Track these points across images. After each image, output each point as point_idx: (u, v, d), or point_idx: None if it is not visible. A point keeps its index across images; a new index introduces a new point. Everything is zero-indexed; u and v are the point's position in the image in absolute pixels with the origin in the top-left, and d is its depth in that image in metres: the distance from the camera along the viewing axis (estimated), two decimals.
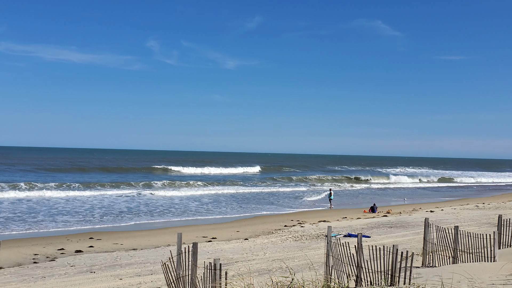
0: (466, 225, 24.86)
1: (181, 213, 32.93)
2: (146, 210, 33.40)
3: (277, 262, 16.29)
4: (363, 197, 49.36)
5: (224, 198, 43.35)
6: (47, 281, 14.73)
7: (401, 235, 23.04)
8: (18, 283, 14.49)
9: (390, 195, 53.60)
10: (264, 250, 19.46)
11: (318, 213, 34.40)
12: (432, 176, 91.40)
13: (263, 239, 22.86)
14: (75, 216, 29.89)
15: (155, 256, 18.35)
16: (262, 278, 12.66)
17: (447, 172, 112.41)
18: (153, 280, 14.27)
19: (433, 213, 32.97)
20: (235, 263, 16.42)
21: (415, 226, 25.98)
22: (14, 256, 18.37)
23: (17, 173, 60.44)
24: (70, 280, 14.73)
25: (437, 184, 77.10)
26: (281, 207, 37.79)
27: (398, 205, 41.29)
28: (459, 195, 54.71)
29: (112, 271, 15.95)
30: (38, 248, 19.99)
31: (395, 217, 31.32)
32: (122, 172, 73.34)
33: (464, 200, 46.44)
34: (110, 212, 31.89)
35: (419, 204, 41.80)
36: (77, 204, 35.65)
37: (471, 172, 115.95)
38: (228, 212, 34.33)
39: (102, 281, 14.51)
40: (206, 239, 22.88)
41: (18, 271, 16.16)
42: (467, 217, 30.06)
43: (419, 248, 16.58)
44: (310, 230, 25.26)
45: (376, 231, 24.59)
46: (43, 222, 27.15)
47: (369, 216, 32.33)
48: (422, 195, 54.66)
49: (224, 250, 19.58)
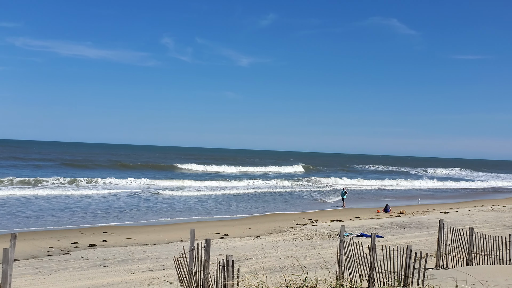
0: (481, 227, 24.57)
1: (189, 209, 33.08)
2: (174, 207, 33.61)
3: (289, 260, 16.27)
4: (375, 197, 49.02)
5: (239, 197, 43.43)
6: (61, 274, 14.90)
7: (415, 235, 22.86)
8: (32, 275, 14.68)
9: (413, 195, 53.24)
10: (276, 248, 19.45)
11: (331, 212, 34.27)
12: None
13: (275, 237, 22.85)
14: (89, 211, 30.17)
15: (168, 252, 18.44)
16: (274, 276, 12.64)
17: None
18: (166, 275, 14.35)
19: (447, 214, 32.65)
20: (247, 260, 16.43)
21: (429, 227, 25.75)
22: (29, 248, 18.61)
23: (28, 169, 60.89)
24: (83, 274, 14.88)
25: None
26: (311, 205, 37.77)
27: (412, 205, 40.95)
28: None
29: (125, 266, 16.07)
30: (53, 241, 20.22)
31: (409, 217, 31.08)
32: (147, 169, 73.48)
33: (479, 201, 45.87)
34: (134, 208, 32.15)
35: (433, 204, 41.40)
36: (91, 200, 35.98)
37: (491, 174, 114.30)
38: (239, 210, 34.39)
39: (115, 275, 14.63)
40: (218, 235, 22.94)
41: (32, 264, 16.38)
42: (482, 218, 29.72)
43: (432, 249, 16.43)
44: (322, 229, 25.18)
45: (389, 231, 24.42)
46: (57, 216, 27.47)
47: (382, 216, 32.13)
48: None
49: (236, 247, 19.61)
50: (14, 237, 8.00)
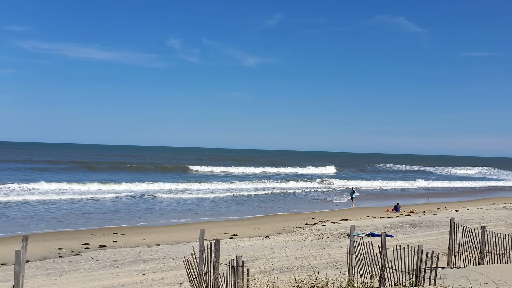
0: (493, 225, 24.36)
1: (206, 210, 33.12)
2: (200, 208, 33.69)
3: (298, 260, 16.22)
4: (385, 196, 48.77)
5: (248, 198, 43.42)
6: (72, 275, 14.98)
7: (425, 234, 22.71)
8: (44, 276, 14.77)
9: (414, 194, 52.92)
10: (285, 248, 19.41)
11: (340, 211, 34.15)
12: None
13: (284, 237, 22.80)
14: (100, 212, 30.33)
15: (177, 252, 18.47)
16: (283, 276, 12.61)
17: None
18: (175, 276, 14.37)
19: (458, 212, 32.40)
20: (256, 260, 16.41)
21: (439, 225, 25.57)
22: (41, 250, 18.74)
23: (35, 172, 61.10)
24: (94, 275, 14.95)
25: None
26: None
27: (422, 204, 40.71)
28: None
29: (135, 266, 16.12)
30: (63, 243, 20.34)
31: (419, 216, 30.88)
32: (168, 171, 72.91)
33: (490, 199, 45.50)
34: (150, 209, 32.28)
35: (444, 203, 41.12)
36: (102, 201, 36.16)
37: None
38: (248, 211, 34.38)
39: (125, 276, 14.68)
40: (227, 235, 22.94)
41: (44, 265, 16.48)
42: (493, 217, 29.46)
43: (444, 248, 16.30)
44: (331, 229, 25.09)
45: (399, 230, 24.28)
46: (69, 218, 27.65)
47: (392, 215, 31.95)
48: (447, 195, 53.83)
49: (245, 247, 19.60)
50: (25, 238, 8.04)
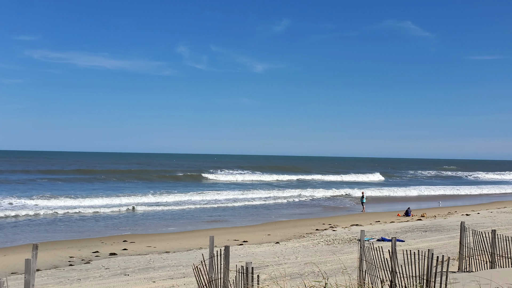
0: (504, 229, 24.12)
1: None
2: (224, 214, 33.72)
3: (309, 266, 16.17)
4: (397, 201, 48.52)
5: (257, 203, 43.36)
6: (83, 283, 15.03)
7: (436, 239, 22.54)
8: (54, 285, 14.83)
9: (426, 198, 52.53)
10: (295, 254, 19.35)
11: (350, 217, 34.01)
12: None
13: (294, 242, 22.74)
14: (110, 220, 30.47)
15: (188, 259, 18.48)
16: (294, 282, 12.58)
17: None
18: (186, 283, 14.37)
19: (469, 216, 32.14)
20: (267, 267, 16.37)
21: (450, 230, 25.37)
22: (51, 258, 18.83)
23: (58, 184, 61.12)
24: (104, 283, 14.99)
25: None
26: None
27: (433, 208, 40.44)
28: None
29: (145, 274, 16.15)
30: (74, 251, 20.43)
31: (430, 220, 30.67)
32: (187, 179, 71.43)
33: (501, 203, 45.08)
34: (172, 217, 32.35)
35: (454, 207, 40.81)
36: (114, 210, 36.32)
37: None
38: (258, 219, 34.35)
39: (136, 284, 14.71)
40: (237, 242, 22.92)
41: (54, 273, 16.55)
42: (504, 220, 29.19)
43: (455, 252, 16.17)
44: (342, 234, 24.98)
45: (410, 235, 24.12)
46: (79, 226, 27.80)
47: (403, 220, 31.77)
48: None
49: (255, 254, 19.56)
50: (35, 247, 8.10)
